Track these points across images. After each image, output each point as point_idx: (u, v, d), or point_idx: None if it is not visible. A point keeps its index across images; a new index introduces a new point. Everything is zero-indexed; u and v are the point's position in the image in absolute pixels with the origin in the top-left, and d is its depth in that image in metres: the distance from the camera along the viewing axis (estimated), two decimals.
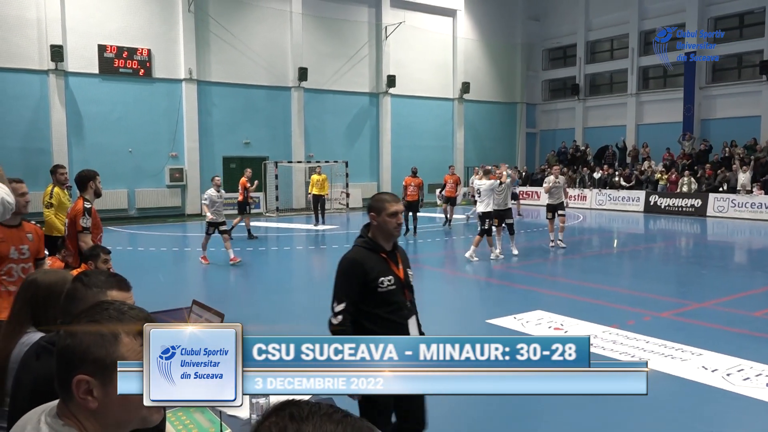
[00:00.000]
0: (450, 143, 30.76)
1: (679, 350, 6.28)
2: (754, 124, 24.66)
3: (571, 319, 7.48)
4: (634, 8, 28.71)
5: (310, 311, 8.51)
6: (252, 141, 24.83)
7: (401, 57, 28.55)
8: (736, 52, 26.17)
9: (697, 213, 22.14)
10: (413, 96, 29.17)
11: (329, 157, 25.26)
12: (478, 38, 31.50)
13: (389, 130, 28.40)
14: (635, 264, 13.34)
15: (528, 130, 33.86)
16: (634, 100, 29.13)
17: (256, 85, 24.86)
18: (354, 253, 3.19)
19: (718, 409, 4.92)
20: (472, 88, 30.73)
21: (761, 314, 8.06)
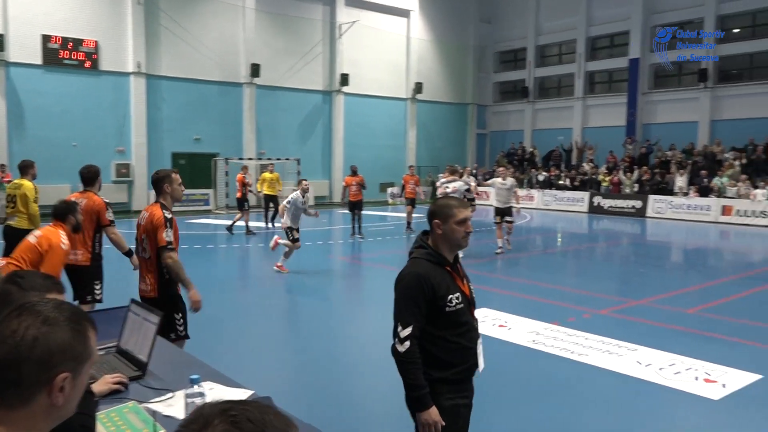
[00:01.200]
0: (402, 143, 31.01)
1: (616, 346, 6.58)
2: (691, 129, 25.77)
3: (515, 317, 7.73)
4: (582, 15, 29.56)
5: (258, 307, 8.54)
6: (203, 137, 24.47)
7: (355, 56, 28.61)
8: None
9: (638, 214, 23.00)
10: (366, 95, 29.28)
11: (281, 155, 25.12)
12: (431, 39, 31.84)
13: (342, 128, 28.44)
14: (578, 263, 13.79)
15: (479, 130, 34.45)
16: (581, 103, 29.99)
17: (208, 81, 24.51)
18: (418, 267, 2.71)
19: (651, 403, 5.19)
20: (424, 88, 31.06)
21: (694, 311, 8.49)
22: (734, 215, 20.74)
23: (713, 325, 7.72)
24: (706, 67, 25.31)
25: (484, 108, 34.63)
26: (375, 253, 13.90)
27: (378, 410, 5.13)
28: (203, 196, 24.08)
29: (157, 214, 4.49)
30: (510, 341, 6.76)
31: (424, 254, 2.76)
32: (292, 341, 6.99)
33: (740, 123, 24.38)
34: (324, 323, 7.89)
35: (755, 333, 7.40)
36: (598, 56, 30.01)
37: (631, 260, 14.27)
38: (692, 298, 9.44)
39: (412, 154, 30.96)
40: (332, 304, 9.21)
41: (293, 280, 10.59)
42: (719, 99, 25.41)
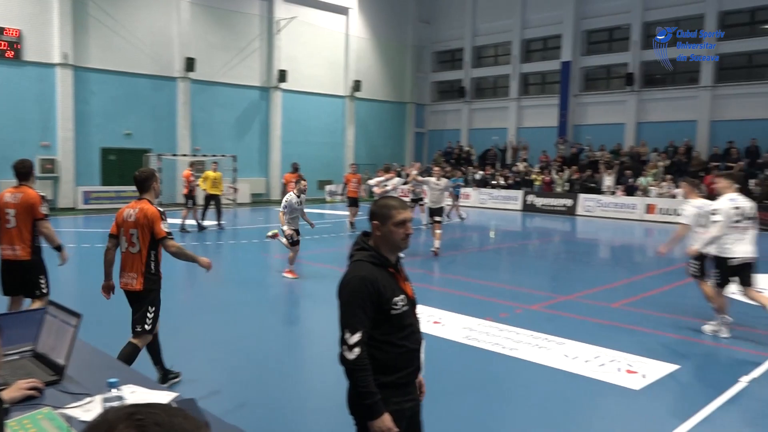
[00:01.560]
0: (341, 140, 30.96)
1: (545, 340, 6.80)
2: (619, 130, 26.84)
3: (450, 313, 7.86)
4: (517, 18, 30.28)
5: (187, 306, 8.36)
6: (134, 132, 23.70)
7: (293, 52, 28.35)
8: (605, 64, 28.32)
9: (569, 212, 23.79)
10: (304, 92, 29.07)
11: (217, 151, 24.61)
12: (370, 37, 31.91)
13: (279, 125, 28.13)
14: (511, 260, 14.13)
15: (417, 129, 34.78)
16: (516, 104, 30.73)
17: (140, 74, 23.75)
18: (362, 270, 2.61)
19: (576, 394, 5.38)
20: (363, 86, 31.10)
21: (618, 305, 8.85)
22: (657, 213, 21.75)
23: (636, 319, 8.07)
24: (633, 71, 26.40)
25: (422, 107, 34.98)
26: (313, 251, 13.82)
27: (313, 413, 5.11)
28: (135, 192, 23.28)
29: (152, 209, 4.93)
30: (444, 337, 6.87)
31: (366, 256, 2.67)
32: (226, 342, 6.87)
33: (663, 125, 25.57)
34: (260, 323, 7.79)
35: (674, 325, 7.78)
36: (532, 58, 30.81)
37: (561, 257, 14.73)
38: (617, 292, 9.83)
39: (350, 152, 30.96)
40: (269, 304, 9.10)
41: (228, 280, 10.41)
42: (645, 102, 26.56)
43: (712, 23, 24.36)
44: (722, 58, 24.59)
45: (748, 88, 23.93)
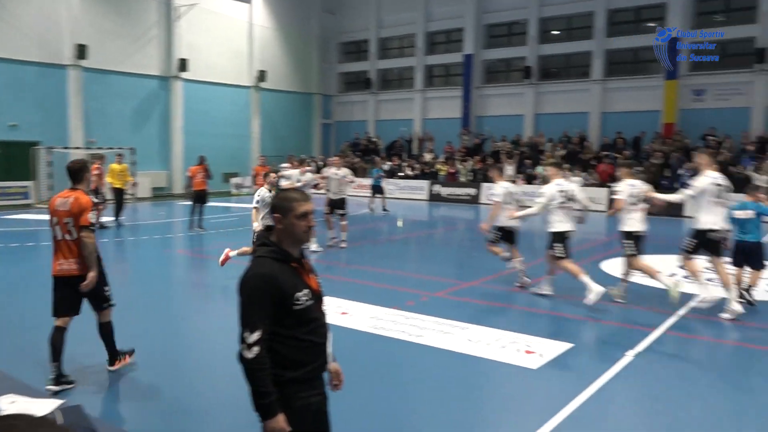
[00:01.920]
0: (246, 131, 30.32)
1: (450, 326, 6.99)
2: (518, 121, 27.95)
3: (357, 303, 7.92)
4: (420, 11, 30.76)
5: None
6: (20, 124, 22.13)
7: (194, 40, 27.41)
8: (504, 57, 29.34)
9: (473, 201, 24.53)
10: (207, 82, 28.22)
11: (113, 143, 23.43)
12: (274, 27, 31.37)
13: (181, 115, 27.16)
14: (418, 249, 14.42)
15: (324, 120, 34.64)
16: (421, 95, 31.26)
17: (25, 61, 22.20)
18: (263, 267, 2.57)
19: (478, 376, 5.59)
20: (268, 76, 30.57)
21: (518, 289, 9.24)
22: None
23: (534, 301, 8.47)
24: (530, 64, 27.52)
25: (329, 98, 34.86)
26: (217, 246, 13.48)
27: (216, 410, 5.00)
28: (22, 189, 21.85)
29: (86, 199, 5.17)
30: (351, 328, 6.92)
31: (267, 252, 2.62)
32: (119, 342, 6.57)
33: (559, 117, 26.86)
34: (157, 322, 7.53)
35: (568, 306, 8.23)
36: (436, 51, 31.42)
37: (465, 245, 15.18)
38: (517, 277, 10.24)
39: (256, 143, 30.41)
40: (168, 302, 8.80)
41: (124, 276, 9.97)
42: (542, 94, 27.78)
43: (601, 20, 25.79)
44: (610, 53, 26.12)
45: (634, 81, 25.56)
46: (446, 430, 4.53)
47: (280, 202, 2.70)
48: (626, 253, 8.31)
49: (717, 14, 24.52)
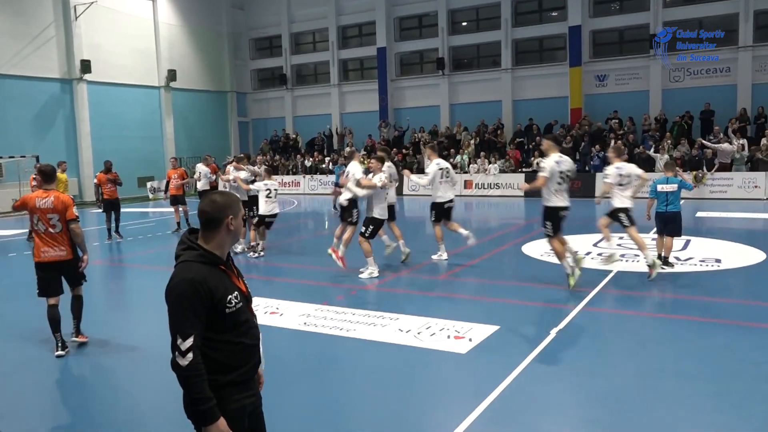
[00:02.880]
0: (159, 133, 29.32)
1: (380, 317, 7.08)
2: (435, 112, 28.43)
3: (286, 302, 7.86)
4: (331, 4, 30.66)
5: None
6: None
7: (96, 40, 26.18)
8: (417, 49, 29.73)
9: (396, 192, 24.72)
10: (114, 83, 27.05)
11: (15, 152, 22.08)
12: (182, 24, 30.42)
13: (88, 119, 25.93)
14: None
15: (240, 119, 33.98)
16: (337, 90, 31.21)
17: None
18: (191, 272, 2.50)
19: (410, 365, 5.69)
20: (179, 76, 29.64)
21: (444, 277, 9.47)
22: (474, 188, 23.45)
23: (460, 287, 8.70)
24: (443, 56, 28.03)
25: (243, 95, 34.21)
26: (136, 253, 13.01)
27: (150, 416, 4.86)
28: None
29: (66, 197, 6.28)
30: (282, 326, 6.87)
31: (195, 256, 2.55)
32: (35, 356, 6.26)
33: (473, 106, 27.54)
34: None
35: (493, 290, 8.51)
36: (349, 45, 31.44)
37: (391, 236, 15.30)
38: (442, 265, 10.49)
39: (171, 144, 29.46)
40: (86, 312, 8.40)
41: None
42: (455, 85, 28.37)
43: (507, 10, 26.59)
44: (517, 42, 27.00)
45: (541, 69, 26.55)
46: (383, 420, 4.60)
47: (233, 203, 2.66)
48: (624, 225, 8.84)
49: (613, 3, 25.83)
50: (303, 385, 5.25)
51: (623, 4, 25.50)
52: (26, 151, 22.55)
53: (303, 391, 5.14)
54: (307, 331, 6.72)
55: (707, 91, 23.02)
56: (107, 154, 22.98)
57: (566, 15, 25.46)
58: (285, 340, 6.42)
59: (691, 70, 23.68)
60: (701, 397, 4.78)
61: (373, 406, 4.88)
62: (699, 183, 19.69)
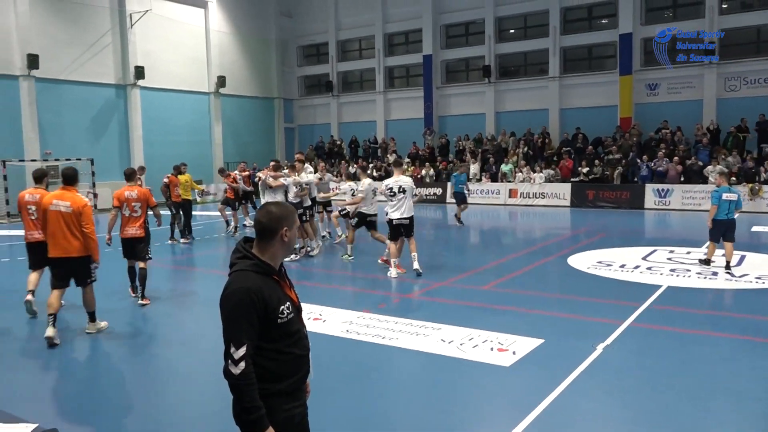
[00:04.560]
0: (208, 138, 29.97)
1: (422, 327, 7.04)
2: (480, 120, 28.23)
3: (329, 308, 7.91)
4: (378, 12, 30.82)
5: None
6: None
7: (150, 47, 26.96)
8: (463, 57, 29.61)
9: (439, 200, 24.70)
10: (165, 89, 27.79)
11: (70, 154, 22.88)
12: (232, 32, 31.07)
13: (140, 124, 26.69)
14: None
15: (286, 124, 34.44)
16: (382, 97, 31.33)
17: None
18: (246, 281, 2.52)
19: (452, 376, 5.64)
20: (228, 82, 30.26)
21: (488, 287, 9.36)
22: (519, 198, 23.18)
23: (504, 299, 8.58)
24: (489, 63, 27.84)
25: (290, 102, 34.68)
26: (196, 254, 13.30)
27: (199, 423, 4.95)
28: None
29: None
30: (325, 333, 6.91)
31: (250, 265, 2.57)
32: (89, 362, 6.45)
33: (519, 114, 27.25)
34: (129, 340, 7.39)
35: (538, 302, 8.38)
36: (395, 52, 31.54)
37: (434, 244, 15.26)
38: (487, 275, 10.38)
39: (219, 149, 30.07)
40: (138, 317, 8.63)
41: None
42: (501, 92, 28.13)
43: (555, 18, 26.26)
44: (566, 50, 26.62)
45: (590, 78, 26.10)
46: (429, 431, 4.57)
47: (289, 214, 2.69)
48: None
49: (666, 10, 25.21)
50: (345, 393, 5.26)
51: (677, 11, 24.86)
52: (81, 154, 23.35)
53: (344, 398, 5.15)
54: (349, 339, 6.74)
55: (764, 102, 22.22)
56: (157, 158, 23.66)
57: (617, 22, 24.97)
58: (327, 347, 6.44)
59: (747, 79, 22.90)
60: (753, 418, 4.60)
61: (414, 417, 4.85)
62: (755, 196, 18.99)
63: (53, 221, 6.73)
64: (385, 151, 29.33)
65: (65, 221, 6.71)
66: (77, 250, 6.80)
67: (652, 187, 20.86)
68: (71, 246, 6.76)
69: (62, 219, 6.71)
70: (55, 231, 6.74)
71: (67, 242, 6.75)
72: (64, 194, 6.83)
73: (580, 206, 21.76)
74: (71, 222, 6.73)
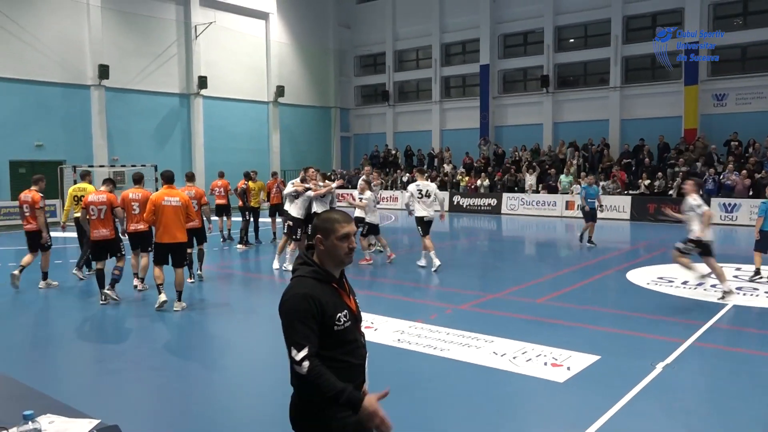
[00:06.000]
0: (266, 146, 30.58)
1: (474, 339, 6.95)
2: (537, 131, 27.80)
3: (381, 317, 7.90)
4: (435, 22, 30.85)
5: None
6: (45, 143, 22.58)
7: (213, 58, 27.79)
8: (521, 67, 29.27)
9: (494, 211, 24.43)
10: (226, 98, 28.55)
11: (136, 161, 23.80)
12: (291, 42, 31.69)
13: (202, 132, 27.50)
14: (441, 260, 14.33)
15: (342, 134, 34.80)
16: (438, 107, 31.29)
17: (49, 82, 22.67)
18: (304, 287, 2.56)
19: (505, 390, 5.54)
20: (286, 91, 30.84)
21: (543, 300, 9.16)
22: (576, 210, 22.63)
23: (559, 313, 8.38)
24: (548, 73, 27.42)
25: (346, 111, 35.05)
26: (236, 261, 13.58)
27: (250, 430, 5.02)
28: (49, 207, 22.09)
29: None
30: (376, 342, 6.90)
31: (309, 272, 2.60)
32: (147, 359, 6.64)
33: (578, 125, 26.70)
34: (180, 338, 7.58)
35: (594, 317, 8.14)
36: (452, 62, 31.47)
37: (488, 255, 15.10)
38: (541, 288, 10.18)
39: (276, 158, 30.64)
40: (191, 316, 8.85)
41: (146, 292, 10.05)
42: (560, 103, 27.65)
43: (617, 27, 25.66)
44: (628, 60, 25.95)
45: (652, 88, 25.34)
46: None
47: (322, 223, 2.68)
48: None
49: (735, 18, 24.27)
50: (395, 404, 5.19)
51: (747, 19, 23.89)
52: (146, 161, 24.24)
53: (395, 409, 5.09)
54: (401, 348, 6.71)
55: None
56: (218, 165, 24.17)
57: (684, 31, 24.18)
58: (378, 356, 6.41)
59: None
60: None
61: (463, 429, 4.78)
62: None
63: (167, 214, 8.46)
64: (441, 161, 29.25)
65: (176, 213, 8.49)
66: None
67: (718, 201, 20.03)
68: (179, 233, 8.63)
69: (173, 212, 8.48)
70: (168, 222, 8.45)
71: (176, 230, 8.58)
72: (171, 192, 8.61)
73: (640, 219, 21.09)
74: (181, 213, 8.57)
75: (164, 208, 8.39)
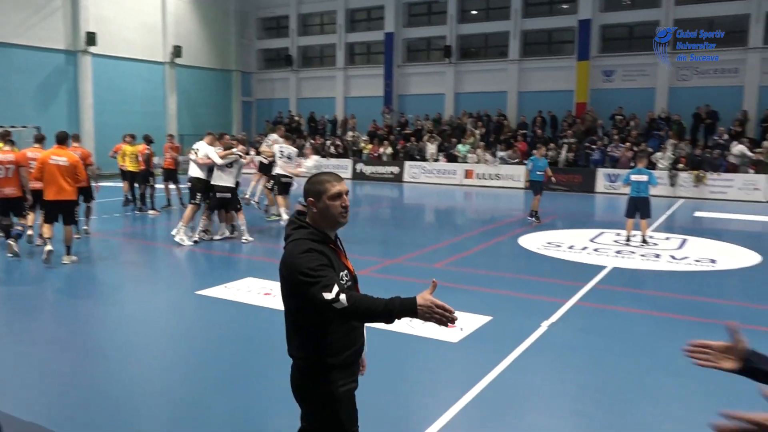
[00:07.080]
0: (162, 109, 29.22)
1: None
2: (440, 100, 28.31)
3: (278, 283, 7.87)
4: None
5: None
6: None
7: (103, 13, 26.01)
8: (425, 36, 29.55)
9: (396, 179, 24.78)
10: (118, 57, 26.90)
11: (16, 121, 21.98)
12: (189, 0, 30.19)
13: (91, 92, 25.82)
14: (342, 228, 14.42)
15: (244, 98, 33.85)
16: (342, 73, 31.06)
17: None
18: (307, 245, 2.48)
19: (403, 351, 5.72)
20: (184, 52, 29.48)
21: (441, 265, 9.48)
22: (475, 178, 23.44)
23: (456, 277, 8.71)
24: (450, 44, 27.86)
25: (248, 75, 34.05)
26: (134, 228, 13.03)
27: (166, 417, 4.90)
28: None
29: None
30: (274, 308, 6.88)
31: (305, 234, 2.55)
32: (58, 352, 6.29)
33: (478, 96, 27.41)
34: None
35: (489, 281, 8.54)
36: (357, 28, 31.23)
37: (388, 223, 15.35)
38: (440, 253, 10.52)
39: (173, 121, 29.37)
40: (97, 292, 8.43)
41: (36, 270, 9.47)
42: (461, 73, 28.23)
43: (517, 1, 26.39)
44: (526, 34, 26.83)
45: (548, 62, 26.40)
46: (373, 405, 4.63)
47: (311, 185, 2.62)
48: None
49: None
50: (286, 366, 5.26)
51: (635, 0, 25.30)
52: (28, 122, 22.47)
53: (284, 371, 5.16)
54: None
55: (713, 91, 22.90)
56: (109, 127, 22.96)
57: (577, 8, 25.27)
58: (278, 321, 6.42)
59: (699, 69, 23.53)
60: (691, 395, 4.81)
61: (360, 391, 4.90)
62: (699, 183, 19.67)
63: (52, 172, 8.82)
64: (344, 128, 29.18)
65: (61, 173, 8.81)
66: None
67: (603, 172, 21.36)
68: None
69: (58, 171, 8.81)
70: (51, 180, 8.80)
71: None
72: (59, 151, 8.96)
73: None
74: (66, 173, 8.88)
75: (50, 166, 8.80)
